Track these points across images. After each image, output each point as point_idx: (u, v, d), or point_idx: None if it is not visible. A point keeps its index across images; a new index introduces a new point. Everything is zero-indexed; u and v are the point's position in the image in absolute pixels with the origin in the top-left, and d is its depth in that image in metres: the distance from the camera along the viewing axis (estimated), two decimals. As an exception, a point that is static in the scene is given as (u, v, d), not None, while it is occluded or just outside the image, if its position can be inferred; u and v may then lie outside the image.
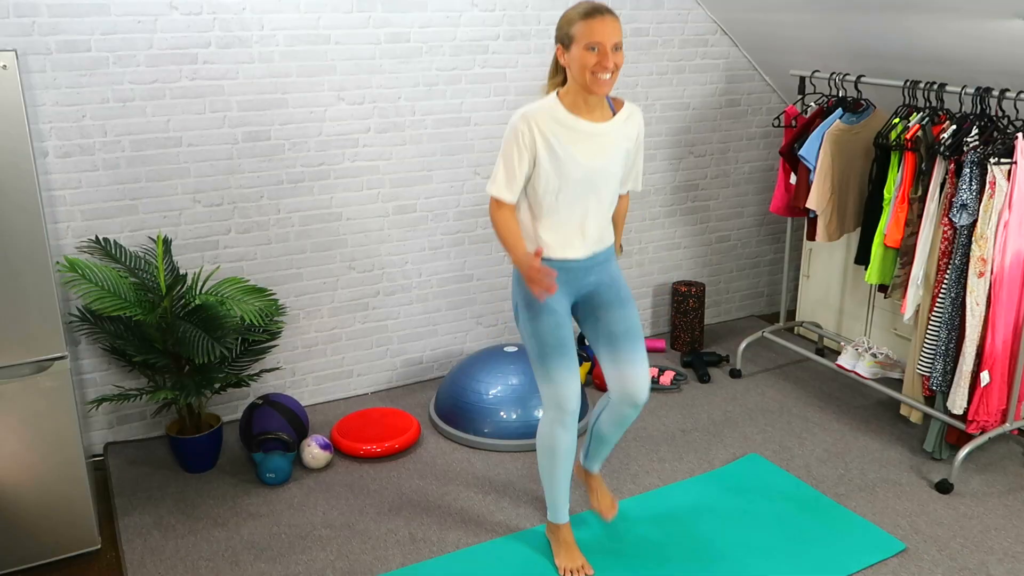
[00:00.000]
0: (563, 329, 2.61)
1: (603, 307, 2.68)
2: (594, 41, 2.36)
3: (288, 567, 2.82)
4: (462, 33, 3.74)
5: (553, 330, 2.59)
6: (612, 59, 2.37)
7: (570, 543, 2.82)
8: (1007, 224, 3.02)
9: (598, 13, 2.37)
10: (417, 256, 3.94)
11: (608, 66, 2.37)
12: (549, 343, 2.59)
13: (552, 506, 2.80)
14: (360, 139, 3.67)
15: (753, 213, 4.76)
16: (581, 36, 2.37)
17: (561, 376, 2.60)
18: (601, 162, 2.52)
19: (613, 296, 2.68)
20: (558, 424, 2.64)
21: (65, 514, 2.80)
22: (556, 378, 2.60)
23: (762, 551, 2.87)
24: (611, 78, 2.40)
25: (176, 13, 3.22)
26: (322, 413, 3.83)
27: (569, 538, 2.82)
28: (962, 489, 3.22)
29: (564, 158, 2.47)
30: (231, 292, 3.19)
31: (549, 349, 2.59)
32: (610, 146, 2.53)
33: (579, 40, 2.38)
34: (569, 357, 2.61)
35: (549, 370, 2.60)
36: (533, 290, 2.45)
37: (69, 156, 3.20)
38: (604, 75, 2.38)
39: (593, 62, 2.37)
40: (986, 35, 3.08)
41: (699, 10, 4.21)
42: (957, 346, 3.24)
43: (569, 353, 2.61)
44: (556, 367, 2.59)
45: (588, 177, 2.51)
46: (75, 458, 2.78)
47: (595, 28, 2.36)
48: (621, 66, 2.42)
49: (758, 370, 4.25)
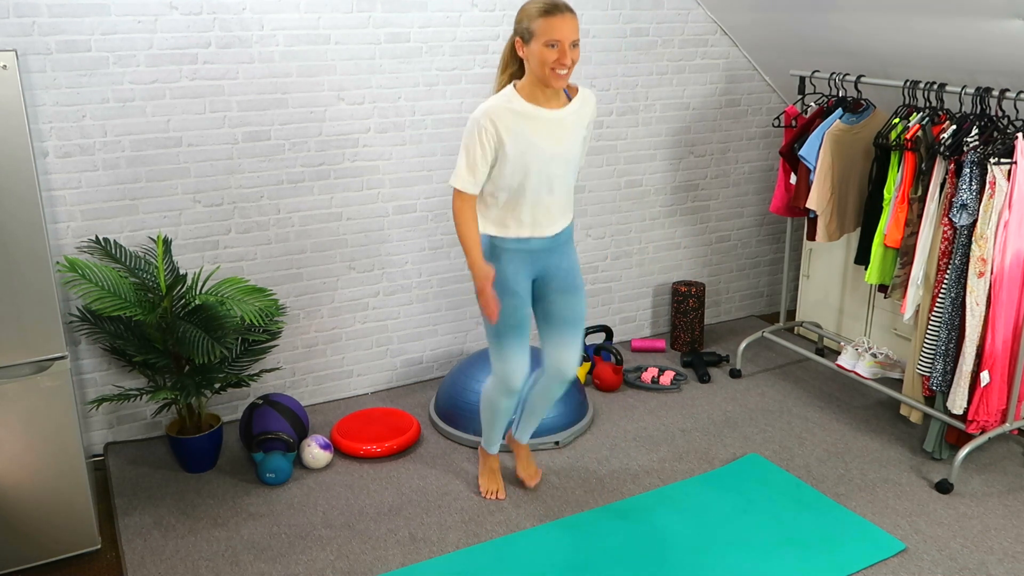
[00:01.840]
0: (522, 311, 2.82)
1: (557, 292, 2.87)
2: (553, 38, 2.49)
3: (288, 567, 2.82)
4: (462, 33, 3.74)
5: (512, 312, 2.79)
6: (570, 55, 2.52)
7: (495, 469, 3.23)
8: (1007, 224, 3.02)
9: (558, 11, 2.50)
10: (417, 256, 3.94)
11: (566, 62, 2.53)
12: (508, 323, 2.80)
13: (487, 440, 3.17)
14: (360, 139, 3.67)
15: (753, 213, 4.76)
16: (541, 33, 2.50)
17: (513, 355, 2.84)
18: (561, 147, 2.68)
19: (568, 283, 2.87)
20: (502, 394, 2.95)
21: (65, 514, 2.80)
22: (508, 356, 2.85)
23: (762, 551, 2.87)
24: (567, 73, 2.56)
25: (176, 13, 3.22)
26: (322, 413, 3.83)
27: (495, 466, 3.23)
28: (962, 489, 3.22)
29: (526, 147, 2.62)
30: (231, 292, 3.19)
31: (507, 329, 2.81)
32: (568, 131, 2.69)
33: (539, 36, 2.51)
34: (523, 338, 2.84)
35: (503, 348, 2.84)
36: (480, 300, 2.74)
37: (69, 156, 3.20)
38: (562, 70, 2.54)
39: (553, 59, 2.51)
40: (986, 35, 3.08)
41: (699, 10, 4.21)
42: (957, 346, 3.24)
43: (524, 334, 2.84)
44: (510, 346, 2.83)
45: (550, 162, 2.67)
46: (75, 458, 2.78)
47: (555, 25, 2.48)
48: (577, 61, 2.56)
49: (758, 370, 4.25)
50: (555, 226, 2.78)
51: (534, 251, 2.78)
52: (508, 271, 2.77)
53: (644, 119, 4.26)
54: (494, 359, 2.89)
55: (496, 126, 2.59)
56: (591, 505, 3.14)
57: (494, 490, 3.19)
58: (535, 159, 2.64)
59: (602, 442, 3.57)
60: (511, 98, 2.63)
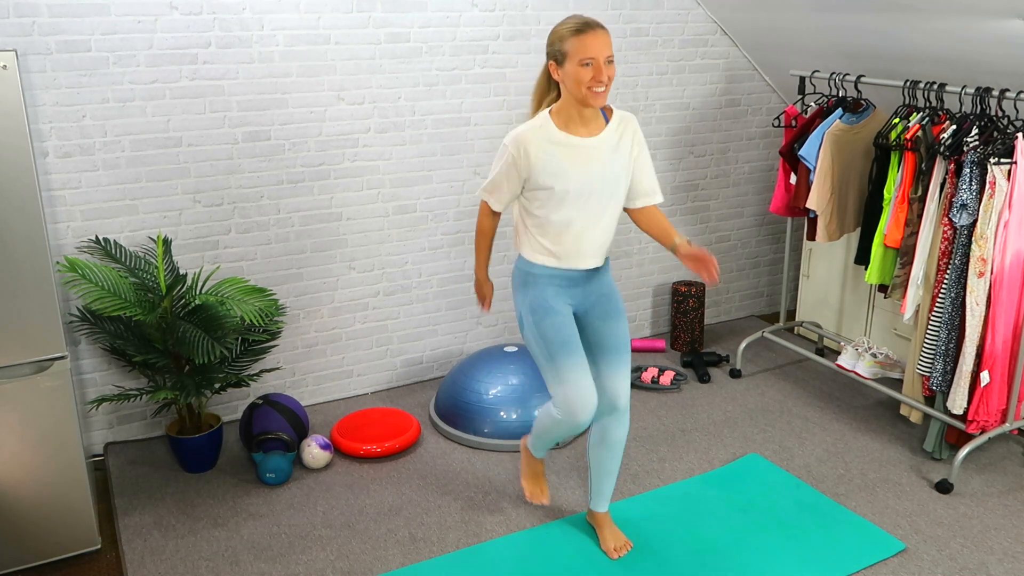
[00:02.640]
0: (567, 328, 2.63)
1: (602, 318, 2.71)
2: (588, 56, 2.40)
3: (288, 567, 2.82)
4: (462, 33, 3.74)
5: (559, 328, 2.61)
6: (606, 72, 2.42)
7: (539, 473, 3.02)
8: (1007, 224, 3.02)
9: (589, 28, 2.42)
10: (417, 256, 3.94)
11: (603, 79, 2.42)
12: (555, 340, 2.60)
13: (535, 445, 2.91)
14: (360, 139, 3.67)
15: (753, 213, 4.76)
16: (574, 52, 2.41)
17: (573, 374, 2.59)
18: (596, 175, 2.54)
19: (610, 309, 2.71)
20: (564, 427, 2.68)
21: (65, 514, 2.80)
22: (567, 376, 2.60)
23: (762, 551, 2.87)
24: (605, 90, 2.45)
25: (176, 13, 3.22)
26: (322, 413, 3.83)
27: (539, 469, 3.02)
28: (962, 489, 3.22)
29: (558, 175, 2.51)
30: (231, 292, 3.19)
31: (556, 346, 2.60)
32: (604, 157, 2.55)
33: (572, 56, 2.41)
34: (578, 355, 2.62)
35: (560, 368, 2.61)
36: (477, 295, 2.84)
37: (69, 156, 3.20)
38: (599, 88, 2.43)
39: (589, 77, 2.41)
40: (986, 35, 3.08)
41: (699, 10, 4.21)
42: (957, 346, 3.24)
43: (577, 351, 2.62)
44: (566, 365, 2.60)
45: (584, 191, 2.54)
46: (75, 458, 2.78)
47: (588, 43, 2.40)
48: (614, 77, 2.47)
49: (758, 370, 4.25)
50: (590, 261, 2.63)
51: (571, 278, 2.65)
52: (546, 293, 2.64)
53: (644, 119, 4.26)
54: (554, 387, 2.64)
55: (523, 154, 2.50)
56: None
57: (538, 493, 3.01)
58: (569, 189, 2.52)
59: (602, 442, 3.57)
60: (544, 124, 2.53)
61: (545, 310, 2.62)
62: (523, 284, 2.66)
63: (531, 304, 2.64)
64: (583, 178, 2.52)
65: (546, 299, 2.63)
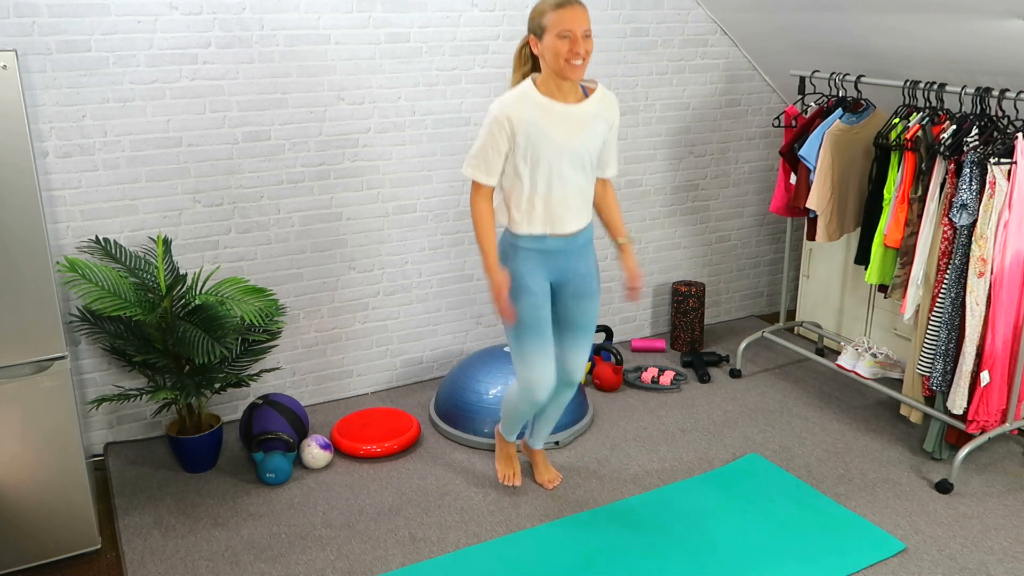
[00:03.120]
0: (541, 310, 2.80)
1: (572, 296, 2.86)
2: (566, 29, 2.54)
3: (288, 567, 2.82)
4: (462, 33, 3.74)
5: (531, 310, 2.78)
6: (583, 45, 2.55)
7: (511, 455, 3.25)
8: (1007, 224, 3.02)
9: (568, 3, 2.56)
10: (417, 256, 3.94)
11: (580, 52, 2.55)
12: (526, 323, 2.78)
13: (505, 428, 3.15)
14: (360, 139, 3.67)
15: (753, 213, 4.76)
16: (553, 25, 2.54)
17: (536, 360, 2.82)
18: (577, 142, 2.68)
19: (584, 289, 2.86)
20: (525, 403, 2.93)
21: (65, 514, 2.80)
22: (531, 361, 2.82)
23: (762, 551, 2.87)
24: (583, 64, 2.58)
25: (176, 13, 3.22)
26: (322, 413, 3.83)
27: (512, 452, 3.25)
28: (962, 489, 3.22)
29: (540, 138, 2.63)
30: (231, 292, 3.19)
31: (526, 329, 2.79)
32: (585, 126, 2.69)
33: (551, 29, 2.55)
34: (544, 340, 2.82)
35: (524, 352, 2.82)
36: (496, 305, 2.74)
37: (69, 156, 3.20)
38: (576, 61, 2.57)
39: (566, 49, 2.55)
40: (986, 35, 3.08)
41: (699, 10, 4.21)
42: (957, 346, 3.24)
43: (545, 335, 2.82)
44: (531, 349, 2.81)
45: (564, 156, 2.67)
46: (75, 458, 2.78)
47: (565, 17, 2.54)
48: (591, 52, 2.60)
49: (758, 370, 4.25)
50: (569, 224, 2.75)
51: (550, 251, 2.77)
52: (523, 269, 2.76)
53: (644, 119, 4.26)
54: (517, 365, 2.87)
55: (510, 117, 2.61)
56: (591, 505, 3.14)
57: (510, 475, 3.22)
58: (548, 151, 2.64)
59: (602, 442, 3.57)
60: (528, 90, 2.65)
61: (520, 287, 2.77)
62: (503, 256, 2.80)
63: (509, 278, 2.77)
64: (563, 142, 2.65)
65: (523, 276, 2.76)
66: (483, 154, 2.67)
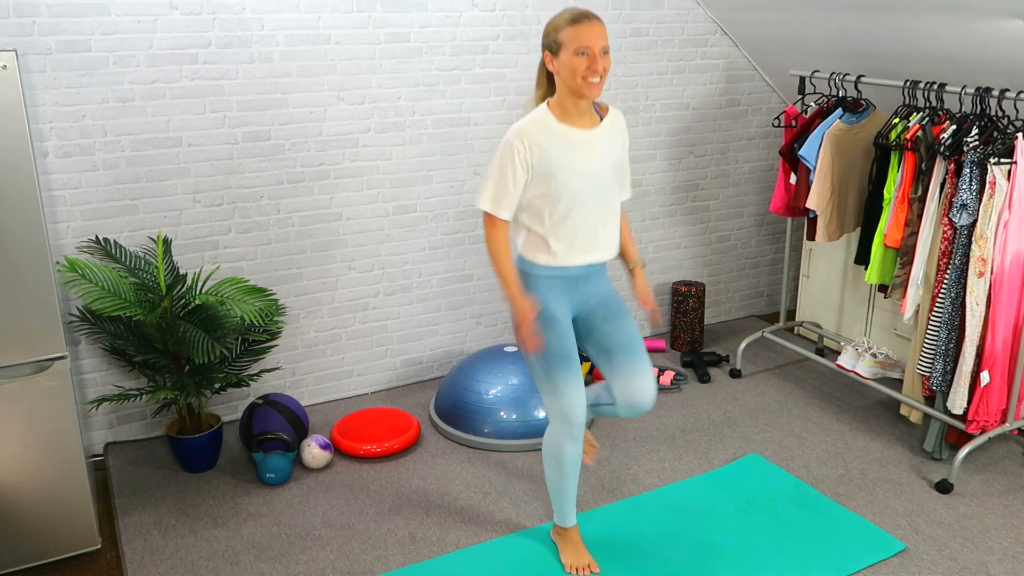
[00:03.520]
0: (568, 340, 2.60)
1: (608, 320, 2.67)
2: (583, 46, 2.39)
3: (288, 567, 2.82)
4: (462, 33, 3.74)
5: (559, 342, 2.58)
6: (601, 63, 2.41)
7: (577, 543, 2.83)
8: (1007, 224, 3.02)
9: (585, 18, 2.41)
10: (417, 256, 3.94)
11: (597, 69, 2.40)
12: (555, 355, 2.57)
13: (559, 512, 2.81)
14: (360, 139, 3.67)
15: (753, 213, 4.76)
16: (570, 42, 2.40)
17: (568, 389, 2.59)
18: (596, 168, 2.53)
19: (616, 308, 2.69)
20: (566, 437, 2.64)
21: (65, 514, 2.80)
22: (563, 391, 2.59)
23: (762, 551, 2.87)
24: (600, 81, 2.43)
25: (176, 13, 3.22)
26: (322, 413, 3.83)
27: (576, 538, 2.84)
28: (962, 489, 3.22)
29: (561, 167, 2.48)
30: (231, 292, 3.19)
31: (555, 361, 2.57)
32: (602, 151, 2.55)
33: (568, 46, 2.40)
34: (574, 369, 2.60)
35: (555, 384, 2.59)
36: (520, 334, 2.51)
37: (69, 156, 3.20)
38: (594, 78, 2.41)
39: (584, 66, 2.40)
40: (986, 35, 3.08)
41: (699, 10, 4.21)
42: (957, 346, 3.24)
43: (574, 365, 2.60)
44: (563, 380, 2.58)
45: (585, 184, 2.52)
46: (75, 458, 2.78)
47: (583, 33, 2.39)
48: (609, 69, 2.46)
49: (758, 370, 4.25)
50: (590, 255, 2.59)
51: (570, 279, 2.60)
52: (548, 299, 2.59)
53: (644, 119, 4.26)
54: (548, 400, 2.63)
55: (528, 146, 2.46)
56: (591, 505, 3.14)
57: (584, 566, 2.79)
58: (571, 180, 2.49)
59: (602, 442, 3.57)
60: (544, 117, 2.50)
61: (546, 319, 2.58)
62: (522, 287, 2.61)
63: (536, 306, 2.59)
64: (584, 169, 2.51)
65: (548, 305, 2.59)
66: (501, 185, 2.48)
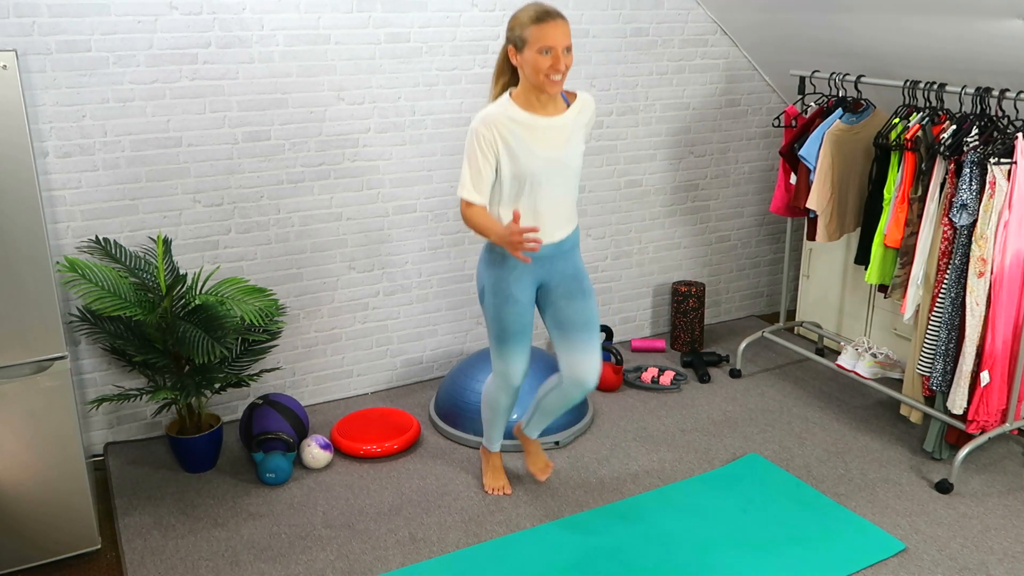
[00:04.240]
0: (525, 318, 2.83)
1: (566, 297, 2.84)
2: (547, 45, 2.49)
3: (288, 567, 2.82)
4: (462, 33, 3.74)
5: (516, 318, 2.81)
6: (564, 61, 2.51)
7: (497, 467, 3.24)
8: (1007, 224, 3.02)
9: (549, 17, 2.50)
10: (417, 256, 3.94)
11: (560, 68, 2.53)
12: (511, 329, 2.83)
13: (488, 439, 3.20)
14: (360, 139, 3.67)
15: (753, 213, 4.76)
16: (534, 40, 2.50)
17: (514, 358, 2.88)
18: (559, 153, 2.66)
19: (576, 288, 2.84)
20: (502, 391, 2.99)
21: (65, 514, 2.81)
22: (509, 358, 2.88)
23: (762, 551, 2.87)
24: (561, 79, 2.55)
25: (176, 13, 3.22)
26: (322, 413, 3.83)
27: (498, 463, 3.24)
28: (962, 489, 3.22)
29: (524, 153, 2.62)
30: (231, 292, 3.19)
31: (509, 335, 2.84)
32: (567, 137, 2.68)
33: (532, 44, 2.50)
34: (525, 342, 2.87)
35: (504, 351, 2.87)
36: (516, 254, 2.55)
37: (69, 156, 3.20)
38: (556, 76, 2.53)
39: (547, 65, 2.51)
40: (986, 35, 3.08)
41: (699, 10, 4.21)
42: (957, 346, 3.24)
43: (526, 339, 2.87)
44: (512, 350, 2.87)
45: (548, 168, 2.66)
46: (75, 458, 2.78)
47: (547, 33, 2.49)
48: (571, 66, 2.58)
49: (758, 370, 4.25)
50: (557, 233, 2.76)
51: (538, 257, 2.77)
52: (511, 278, 2.76)
53: (644, 119, 4.26)
54: (495, 359, 2.93)
55: (494, 133, 2.59)
56: (591, 505, 3.14)
57: (499, 487, 3.20)
58: (534, 166, 2.63)
59: (602, 442, 3.57)
60: (507, 106, 2.62)
61: (506, 297, 2.78)
62: (491, 261, 2.79)
63: (495, 285, 2.79)
64: (548, 155, 2.64)
65: (509, 284, 2.77)
66: (474, 171, 2.63)
